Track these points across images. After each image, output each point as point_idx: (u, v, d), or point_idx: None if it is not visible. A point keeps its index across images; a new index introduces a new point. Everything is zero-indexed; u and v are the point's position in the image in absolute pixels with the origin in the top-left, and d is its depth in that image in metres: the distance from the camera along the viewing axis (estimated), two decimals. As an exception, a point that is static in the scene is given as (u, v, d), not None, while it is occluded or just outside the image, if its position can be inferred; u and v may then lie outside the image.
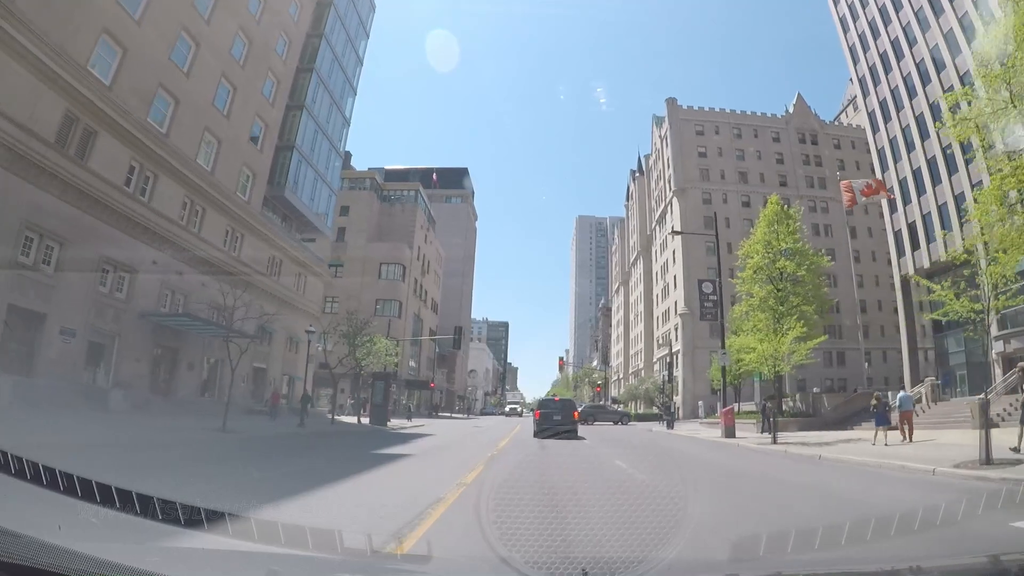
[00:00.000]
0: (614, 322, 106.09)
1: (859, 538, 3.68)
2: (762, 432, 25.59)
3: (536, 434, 19.91)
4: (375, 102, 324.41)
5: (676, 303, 59.44)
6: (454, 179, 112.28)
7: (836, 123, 75.81)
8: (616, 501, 6.33)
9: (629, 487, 7.76)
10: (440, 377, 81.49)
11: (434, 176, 71.85)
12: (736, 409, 36.02)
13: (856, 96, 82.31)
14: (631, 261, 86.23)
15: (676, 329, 58.97)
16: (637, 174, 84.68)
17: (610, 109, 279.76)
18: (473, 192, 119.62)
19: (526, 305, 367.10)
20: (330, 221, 44.15)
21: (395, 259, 56.44)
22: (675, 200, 61.81)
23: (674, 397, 55.29)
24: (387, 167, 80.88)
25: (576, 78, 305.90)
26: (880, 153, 46.06)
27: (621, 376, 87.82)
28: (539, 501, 6.13)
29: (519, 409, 72.67)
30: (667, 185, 66.10)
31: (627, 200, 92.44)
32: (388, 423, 33.51)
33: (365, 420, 34.53)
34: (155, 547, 3.08)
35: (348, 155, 69.45)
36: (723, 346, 24.52)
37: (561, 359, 59.81)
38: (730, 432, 21.75)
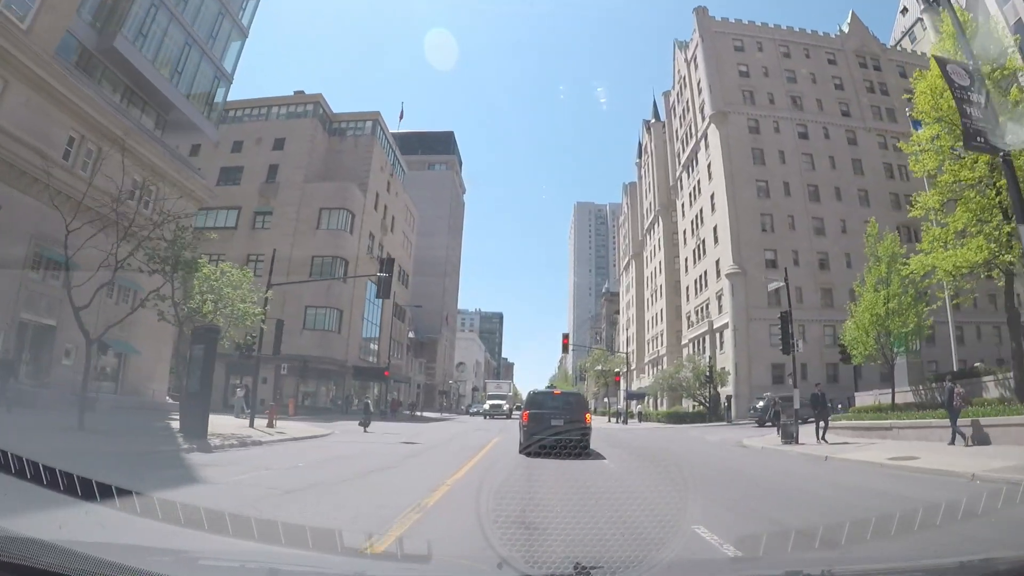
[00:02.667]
0: (622, 305, 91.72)
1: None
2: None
3: (523, 448, 12.10)
4: (374, 99, 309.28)
5: (718, 262, 44.96)
6: (438, 143, 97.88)
7: (899, 49, 61.80)
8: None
9: None
10: (416, 368, 66.94)
11: (400, 114, 57.25)
12: (875, 402, 21.50)
13: (916, 24, 68.66)
14: (646, 227, 71.71)
15: (719, 298, 44.51)
16: (652, 121, 70.26)
17: (611, 109, 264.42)
18: (461, 162, 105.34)
19: (524, 306, 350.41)
20: (214, 114, 29.51)
21: (340, 203, 41.72)
22: (712, 129, 47.35)
23: (718, 388, 40.80)
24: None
25: (577, 75, 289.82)
26: (1019, 24, 33.97)
27: (634, 367, 73.28)
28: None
29: (504, 407, 49.18)
30: (698, 116, 51.65)
31: (638, 158, 77.99)
32: (253, 419, 18.88)
33: (227, 418, 20.28)
34: (156, 547, 2.93)
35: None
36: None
37: (566, 337, 41.24)
38: None
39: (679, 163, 57.50)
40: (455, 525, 5.09)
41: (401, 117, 55.42)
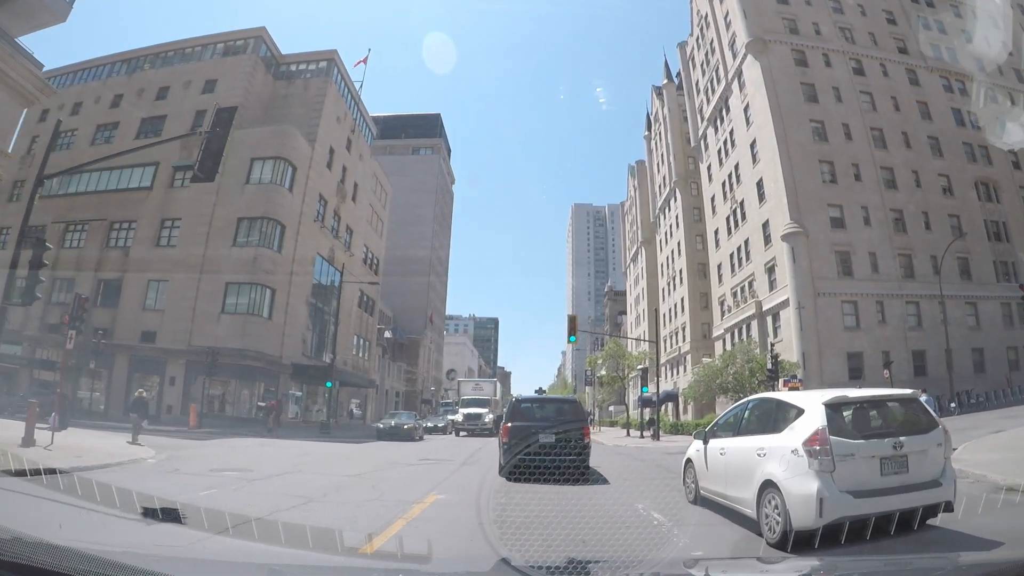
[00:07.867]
0: (630, 301, 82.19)
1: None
2: None
3: (504, 469, 9.85)
4: (372, 101, 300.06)
5: (765, 225, 35.40)
6: (423, 126, 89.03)
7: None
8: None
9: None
10: (393, 373, 56.97)
11: (364, 59, 48.03)
12: None
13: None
14: (659, 206, 62.29)
15: (769, 270, 34.91)
16: (665, 83, 61.16)
17: (611, 108, 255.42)
18: (450, 150, 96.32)
19: (521, 317, 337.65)
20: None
21: (276, 151, 32.14)
22: (750, 62, 38.13)
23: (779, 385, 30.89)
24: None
25: (575, 76, 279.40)
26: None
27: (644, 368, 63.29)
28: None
29: (487, 417, 31.63)
30: (727, 54, 42.48)
31: (647, 130, 68.84)
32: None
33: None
34: (156, 546, 2.87)
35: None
36: None
37: (573, 319, 29.49)
38: None
39: (702, 119, 48.23)
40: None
41: (363, 62, 45.97)
